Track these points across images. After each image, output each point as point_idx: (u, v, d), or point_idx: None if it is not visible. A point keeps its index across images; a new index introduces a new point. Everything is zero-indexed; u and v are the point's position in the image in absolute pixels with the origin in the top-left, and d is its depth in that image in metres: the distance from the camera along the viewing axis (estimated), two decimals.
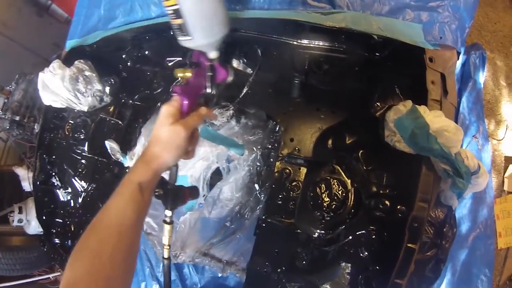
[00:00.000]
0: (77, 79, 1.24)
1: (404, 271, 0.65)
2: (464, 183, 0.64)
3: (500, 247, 1.90)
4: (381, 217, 0.77)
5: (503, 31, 2.43)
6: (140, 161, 0.63)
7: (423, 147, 0.64)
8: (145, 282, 1.44)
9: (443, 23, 0.97)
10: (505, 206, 1.94)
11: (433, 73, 0.80)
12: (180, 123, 0.64)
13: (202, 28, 0.69)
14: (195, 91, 0.73)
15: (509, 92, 2.28)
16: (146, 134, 1.14)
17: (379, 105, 0.82)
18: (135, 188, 0.59)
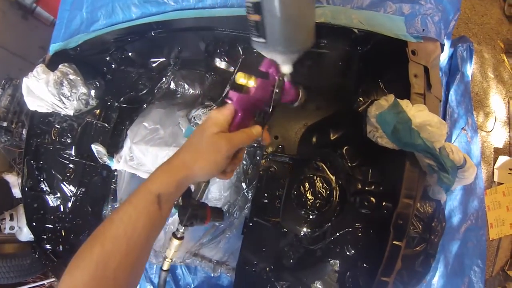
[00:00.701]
0: (61, 83, 1.21)
1: (391, 269, 0.63)
2: (450, 178, 0.62)
3: (492, 237, 1.89)
4: (367, 214, 0.75)
5: (490, 23, 2.42)
6: (163, 168, 0.53)
7: (406, 142, 0.62)
8: (139, 284, 1.43)
9: (425, 15, 0.95)
10: (496, 197, 1.94)
11: (416, 66, 0.78)
12: (225, 137, 0.54)
13: (282, 33, 0.54)
14: (253, 104, 0.60)
15: (497, 84, 2.27)
16: (132, 136, 1.11)
17: (362, 100, 0.80)
18: (152, 200, 0.50)
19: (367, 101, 0.80)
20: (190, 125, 1.05)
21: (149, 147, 1.06)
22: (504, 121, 2.19)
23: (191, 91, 1.19)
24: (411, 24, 0.91)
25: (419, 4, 0.91)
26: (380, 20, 0.86)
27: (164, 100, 1.20)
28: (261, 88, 0.60)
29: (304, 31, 0.56)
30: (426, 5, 0.93)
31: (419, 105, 0.68)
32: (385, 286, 0.63)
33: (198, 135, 0.55)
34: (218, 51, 0.99)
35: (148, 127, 1.09)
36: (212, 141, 0.53)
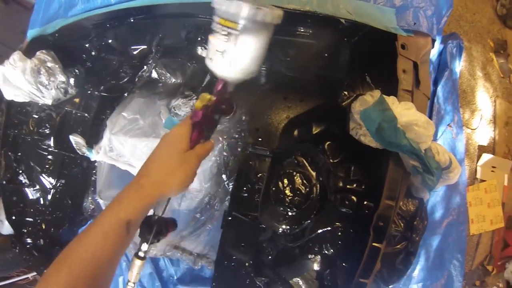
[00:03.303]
0: (39, 71, 1.12)
1: (369, 271, 0.60)
2: (434, 180, 0.57)
3: (472, 233, 1.90)
4: (348, 213, 0.71)
5: (482, 22, 2.38)
6: (134, 189, 0.52)
7: (390, 142, 0.56)
8: (122, 276, 1.38)
9: (418, 8, 0.90)
10: (478, 194, 1.93)
11: (405, 61, 0.72)
12: (194, 153, 0.56)
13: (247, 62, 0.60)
14: (210, 119, 0.63)
15: (485, 83, 2.24)
16: (111, 127, 1.04)
17: (346, 94, 0.74)
18: (122, 225, 0.49)
19: (352, 96, 0.74)
20: (170, 115, 0.99)
21: (128, 138, 0.99)
22: (489, 119, 2.17)
23: (172, 80, 1.11)
24: (402, 17, 0.85)
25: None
26: (370, 11, 0.80)
27: (145, 89, 1.13)
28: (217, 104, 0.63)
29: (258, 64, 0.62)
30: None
31: (406, 102, 0.63)
32: (363, 287, 0.59)
33: (168, 152, 0.55)
34: (199, 39, 0.91)
35: (127, 117, 1.02)
36: (184, 158, 0.54)
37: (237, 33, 0.56)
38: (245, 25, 0.56)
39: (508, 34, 2.45)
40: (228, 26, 0.57)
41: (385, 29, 0.74)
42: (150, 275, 1.35)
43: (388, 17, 0.80)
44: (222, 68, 0.61)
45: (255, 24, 0.56)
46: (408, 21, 0.85)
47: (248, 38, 0.57)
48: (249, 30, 0.57)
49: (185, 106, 1.03)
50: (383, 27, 0.74)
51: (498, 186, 1.92)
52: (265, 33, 0.59)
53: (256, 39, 0.58)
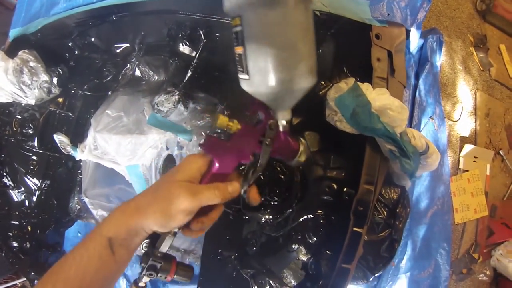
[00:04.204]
0: (21, 71, 1.11)
1: (351, 256, 0.60)
2: (411, 164, 0.58)
3: (457, 222, 1.93)
4: (329, 201, 0.72)
5: (461, 17, 2.43)
6: (118, 209, 0.47)
7: (365, 126, 0.57)
8: None
9: (391, 0, 0.92)
10: (461, 183, 1.97)
11: (379, 50, 0.73)
12: (187, 188, 0.45)
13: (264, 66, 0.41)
14: (235, 155, 0.48)
15: (465, 76, 2.30)
16: (95, 125, 1.03)
17: (323, 84, 0.75)
18: (103, 243, 0.45)
19: (329, 85, 0.75)
20: (154, 112, 0.98)
21: (112, 135, 0.98)
22: (470, 111, 2.22)
23: (155, 77, 1.11)
24: (376, 8, 0.87)
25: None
26: (344, 3, 0.82)
27: (129, 87, 1.12)
28: (246, 135, 0.48)
29: (296, 64, 0.42)
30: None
31: (380, 89, 0.64)
32: (346, 273, 0.59)
33: (162, 180, 0.48)
34: (180, 35, 0.91)
35: (111, 115, 1.01)
36: (169, 189, 0.45)
37: (240, 28, 0.42)
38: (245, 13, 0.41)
39: (488, 29, 2.51)
40: (234, 25, 0.43)
41: (360, 20, 0.76)
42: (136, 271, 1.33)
43: (363, 8, 0.81)
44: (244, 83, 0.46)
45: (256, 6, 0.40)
46: (382, 12, 0.87)
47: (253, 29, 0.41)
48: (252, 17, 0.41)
49: (168, 102, 1.02)
50: (358, 19, 0.76)
51: (480, 176, 1.97)
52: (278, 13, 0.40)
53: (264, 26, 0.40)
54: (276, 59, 0.41)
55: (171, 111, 1.08)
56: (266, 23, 0.40)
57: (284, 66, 0.42)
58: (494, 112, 2.27)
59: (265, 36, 0.41)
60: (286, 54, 0.42)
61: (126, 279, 1.37)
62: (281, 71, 0.42)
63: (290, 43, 0.42)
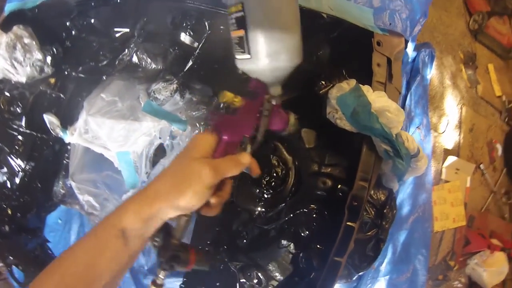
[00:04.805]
0: (14, 47, 1.07)
1: (344, 250, 0.62)
2: (404, 164, 0.61)
3: (436, 230, 2.01)
4: (322, 196, 0.74)
5: (454, 34, 2.53)
6: (134, 198, 0.45)
7: (364, 125, 0.60)
8: None
9: (394, 11, 0.95)
10: (442, 193, 2.05)
11: (379, 56, 0.77)
12: (208, 163, 0.44)
13: (266, 44, 0.48)
14: (240, 128, 0.52)
15: (453, 91, 2.39)
16: (88, 108, 1.01)
17: (324, 84, 0.77)
18: (115, 234, 0.42)
19: (329, 85, 0.77)
20: (149, 99, 0.98)
21: (106, 120, 0.97)
22: (455, 125, 2.32)
23: (152, 66, 1.10)
24: (379, 17, 0.90)
25: (389, 0, 0.92)
26: (350, 9, 0.85)
27: (125, 72, 1.10)
28: (248, 109, 0.53)
29: (289, 44, 0.50)
30: (395, 1, 0.94)
31: (379, 92, 0.67)
32: (338, 266, 0.61)
33: (177, 161, 0.47)
34: (184, 25, 0.91)
35: (105, 99, 1.00)
36: (192, 167, 0.44)
37: (242, 14, 0.47)
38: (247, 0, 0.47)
39: (478, 48, 2.63)
40: (233, 12, 0.49)
41: (363, 26, 0.79)
42: None
43: (366, 16, 0.85)
44: (244, 63, 0.51)
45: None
46: (384, 21, 0.91)
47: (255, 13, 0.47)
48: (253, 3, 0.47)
49: (165, 90, 1.02)
50: (362, 25, 0.79)
51: (461, 187, 2.05)
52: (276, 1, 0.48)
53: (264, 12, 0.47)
54: (275, 38, 0.49)
55: (167, 100, 1.07)
56: (266, 8, 0.48)
57: (280, 45, 0.49)
58: (477, 127, 2.38)
59: (266, 19, 0.48)
60: (283, 34, 0.50)
61: None
62: (278, 49, 0.49)
63: (286, 25, 0.50)
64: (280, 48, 0.49)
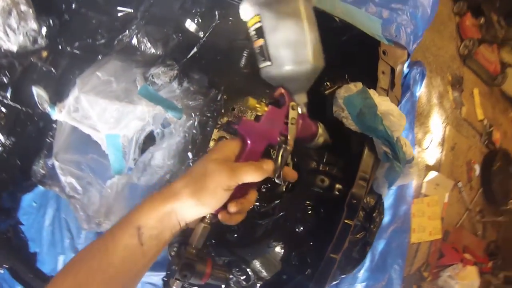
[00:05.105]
0: (10, 12, 1.01)
1: (340, 247, 0.63)
2: (401, 167, 0.63)
3: (413, 241, 2.07)
4: (319, 194, 0.74)
5: (444, 57, 2.64)
6: (153, 196, 0.45)
7: (369, 126, 0.61)
8: (64, 255, 1.24)
9: (400, 24, 0.99)
10: (421, 207, 2.12)
11: (384, 64, 0.80)
12: (225, 163, 0.45)
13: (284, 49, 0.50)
14: (264, 136, 0.51)
15: (439, 110, 2.49)
16: (81, 85, 0.96)
17: (328, 84, 0.78)
18: (131, 232, 0.41)
19: (334, 86, 0.79)
20: (147, 84, 0.95)
21: (99, 99, 0.93)
22: (439, 142, 2.41)
23: (152, 50, 1.07)
24: (386, 28, 0.94)
25: (397, 13, 0.96)
26: (360, 17, 0.88)
27: (122, 54, 1.06)
28: (273, 117, 0.52)
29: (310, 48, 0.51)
30: (402, 16, 0.98)
31: (383, 96, 0.68)
32: (333, 263, 0.62)
33: (197, 163, 0.47)
34: (194, 11, 0.89)
35: (101, 78, 0.96)
36: (210, 167, 0.44)
37: (260, 24, 0.50)
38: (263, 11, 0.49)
39: (466, 72, 2.75)
40: (253, 25, 0.51)
41: (372, 35, 0.81)
42: None
43: (375, 25, 0.87)
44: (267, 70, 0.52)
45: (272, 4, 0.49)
46: (391, 33, 0.94)
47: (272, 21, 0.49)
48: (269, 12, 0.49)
49: (165, 75, 0.99)
50: (370, 33, 0.81)
51: (439, 202, 2.13)
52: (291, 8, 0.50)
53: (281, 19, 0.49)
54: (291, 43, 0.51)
55: (165, 86, 1.05)
56: (283, 16, 0.50)
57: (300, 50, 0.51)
58: (459, 147, 2.48)
59: (284, 26, 0.50)
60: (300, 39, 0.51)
61: None
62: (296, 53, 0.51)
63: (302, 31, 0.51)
64: (299, 52, 0.51)
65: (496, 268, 2.43)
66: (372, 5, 0.94)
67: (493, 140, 2.68)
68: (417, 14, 1.01)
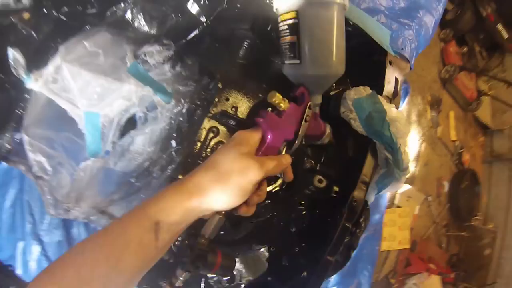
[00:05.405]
0: None
1: (337, 249, 0.62)
2: (400, 174, 0.63)
3: (382, 249, 2.14)
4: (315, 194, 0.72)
5: (426, 78, 2.77)
6: (173, 187, 0.42)
7: (376, 130, 0.60)
8: (23, 241, 1.12)
9: (406, 39, 1.02)
10: (393, 217, 2.19)
11: (390, 74, 0.80)
12: (256, 159, 0.44)
13: (317, 53, 0.52)
14: (283, 131, 0.52)
15: (417, 127, 2.60)
16: (65, 53, 0.87)
17: (334, 86, 0.77)
18: (148, 227, 0.38)
19: (339, 88, 0.78)
20: (137, 61, 0.88)
21: (83, 71, 0.84)
22: (414, 157, 2.51)
23: (145, 28, 0.99)
24: (393, 40, 0.95)
25: (404, 28, 1.00)
26: (372, 25, 0.88)
27: (113, 28, 0.98)
28: (293, 114, 0.53)
29: (338, 54, 0.54)
30: (409, 31, 1.01)
31: (389, 103, 0.68)
32: (329, 265, 0.61)
33: (222, 154, 0.44)
34: None
35: (88, 48, 0.87)
36: (240, 161, 0.43)
37: (295, 21, 0.51)
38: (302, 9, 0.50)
39: (444, 95, 2.90)
40: (286, 19, 0.52)
41: (380, 44, 0.81)
42: (59, 244, 1.11)
43: (384, 36, 0.88)
44: (293, 68, 0.54)
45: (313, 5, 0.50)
46: (398, 45, 0.97)
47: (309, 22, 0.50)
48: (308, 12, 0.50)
49: (159, 55, 0.92)
50: (379, 42, 0.81)
51: (410, 213, 2.22)
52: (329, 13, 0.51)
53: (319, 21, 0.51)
54: (326, 48, 0.53)
55: (157, 67, 0.97)
56: (321, 19, 0.52)
57: (330, 55, 0.53)
58: (432, 164, 2.60)
59: (319, 29, 0.52)
60: (332, 44, 0.53)
61: (40, 246, 1.16)
62: (327, 58, 0.53)
63: (335, 36, 0.53)
64: (329, 56, 0.53)
65: (458, 279, 2.59)
66: (383, 16, 0.97)
67: (462, 161, 2.85)
68: (421, 33, 1.04)
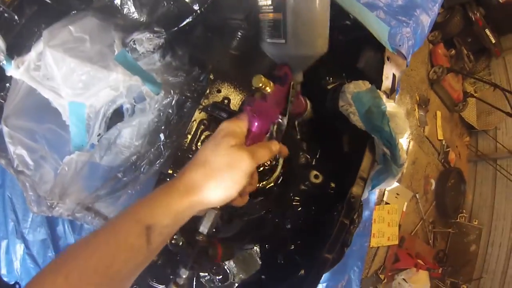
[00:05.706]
0: None
1: (334, 246, 0.60)
2: (398, 170, 0.63)
3: (372, 245, 2.16)
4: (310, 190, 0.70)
5: (415, 78, 2.80)
6: (162, 191, 0.40)
7: (375, 125, 0.59)
8: (6, 240, 1.05)
9: (404, 36, 1.03)
10: (381, 213, 2.22)
11: (388, 69, 0.79)
12: (247, 150, 0.42)
13: (304, 33, 0.49)
14: (270, 114, 0.50)
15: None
16: (49, 39, 0.81)
17: (331, 80, 0.75)
18: (139, 232, 0.37)
19: (336, 82, 0.76)
20: (125, 49, 0.83)
21: (67, 57, 0.78)
22: None
23: (135, 15, 0.94)
24: (391, 36, 0.94)
25: (403, 25, 1.00)
26: (371, 20, 0.88)
27: (100, 13, 0.92)
28: (277, 95, 0.51)
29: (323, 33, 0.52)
30: (407, 28, 1.01)
31: (388, 99, 0.66)
32: (327, 263, 0.60)
33: (211, 149, 0.43)
34: None
35: (73, 33, 0.81)
36: (230, 155, 0.41)
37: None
38: None
39: (432, 95, 2.95)
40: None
41: (378, 39, 0.80)
42: (43, 242, 1.06)
43: (383, 31, 0.87)
44: (276, 47, 0.51)
45: None
46: (396, 42, 0.96)
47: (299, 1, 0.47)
48: None
49: (149, 43, 0.87)
50: (377, 37, 0.80)
51: (398, 210, 2.24)
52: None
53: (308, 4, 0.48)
54: (312, 26, 0.50)
55: (146, 55, 0.92)
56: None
57: (316, 33, 0.51)
58: (419, 162, 2.64)
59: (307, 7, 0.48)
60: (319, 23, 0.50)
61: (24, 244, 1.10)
62: (313, 38, 0.51)
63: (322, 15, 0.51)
64: (315, 36, 0.50)
65: (445, 274, 2.66)
66: (382, 12, 0.96)
67: (448, 160, 2.92)
68: (417, 31, 1.04)
